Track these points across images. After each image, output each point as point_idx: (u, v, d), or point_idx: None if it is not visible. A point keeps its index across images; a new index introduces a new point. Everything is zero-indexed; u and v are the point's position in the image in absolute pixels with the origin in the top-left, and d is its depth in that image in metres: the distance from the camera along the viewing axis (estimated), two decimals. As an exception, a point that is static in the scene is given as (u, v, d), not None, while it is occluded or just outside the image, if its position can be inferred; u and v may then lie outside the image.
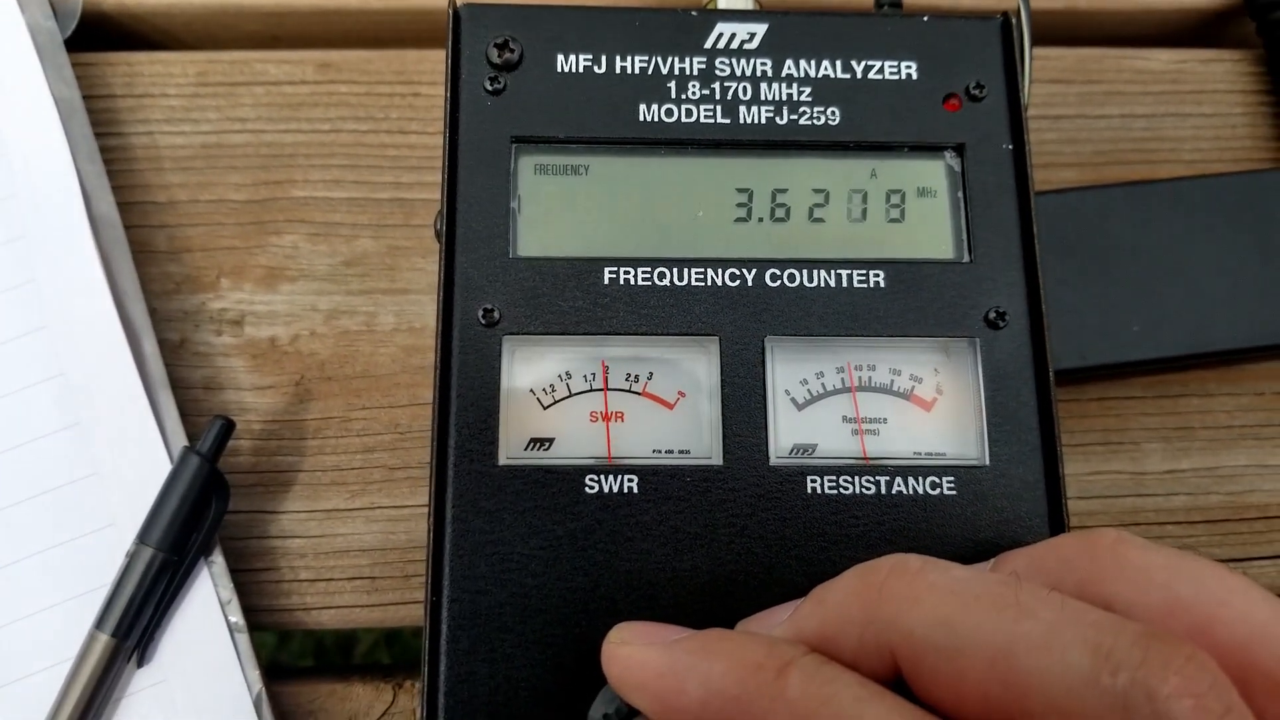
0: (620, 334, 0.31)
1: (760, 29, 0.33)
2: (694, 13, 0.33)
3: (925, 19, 0.34)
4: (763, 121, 0.32)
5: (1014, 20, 0.34)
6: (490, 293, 0.31)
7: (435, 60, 0.44)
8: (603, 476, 0.30)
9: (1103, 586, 0.23)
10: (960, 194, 0.32)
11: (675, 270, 0.31)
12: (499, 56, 0.32)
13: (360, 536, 0.39)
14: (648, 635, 0.25)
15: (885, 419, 0.31)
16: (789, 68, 0.33)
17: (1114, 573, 0.23)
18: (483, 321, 0.30)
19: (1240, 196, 0.41)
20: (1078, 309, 0.39)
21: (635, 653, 0.25)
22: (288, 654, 0.85)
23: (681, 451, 0.30)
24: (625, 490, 0.29)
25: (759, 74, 0.33)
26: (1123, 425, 0.41)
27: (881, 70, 0.33)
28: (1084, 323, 0.39)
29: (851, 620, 0.24)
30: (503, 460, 0.30)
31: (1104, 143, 0.45)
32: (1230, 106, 0.45)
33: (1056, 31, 0.48)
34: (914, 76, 0.33)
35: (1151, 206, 0.40)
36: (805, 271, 0.31)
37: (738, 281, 0.31)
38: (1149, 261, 0.40)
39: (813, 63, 0.33)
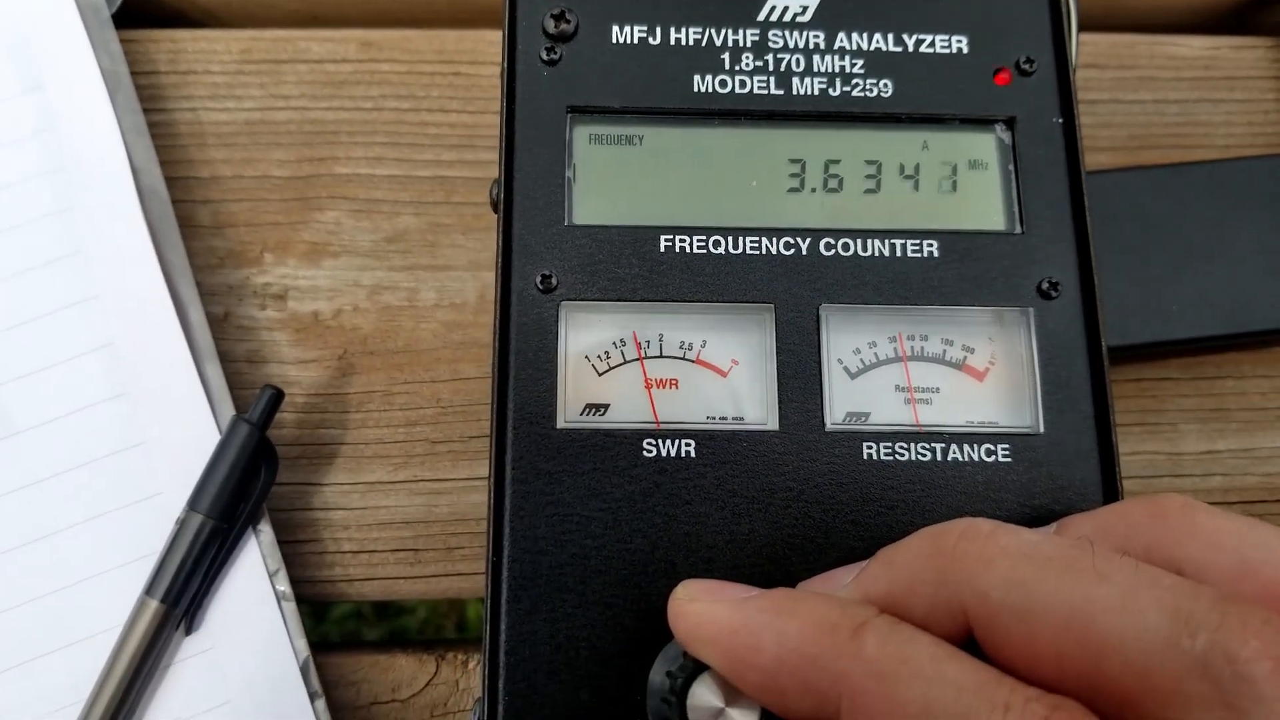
0: (675, 300, 0.31)
1: (813, 2, 0.33)
2: (747, -14, 0.34)
3: (975, -6, 0.34)
4: (815, 93, 0.33)
5: (1062, -4, 0.34)
6: (547, 259, 0.31)
7: (475, 40, 0.45)
8: (660, 440, 0.30)
9: (1173, 550, 0.23)
10: (1011, 167, 0.33)
11: (730, 239, 0.31)
12: (555, 27, 0.33)
13: (403, 509, 0.39)
14: (715, 592, 0.26)
15: (938, 388, 0.31)
16: (841, 40, 0.33)
17: (1184, 536, 0.23)
18: (540, 287, 0.31)
19: (1275, 179, 0.41)
20: (1117, 288, 0.39)
21: (706, 609, 0.25)
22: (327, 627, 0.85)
23: (735, 418, 0.31)
24: (682, 454, 0.30)
25: (812, 46, 0.33)
26: (1159, 406, 0.41)
27: (933, 43, 0.33)
28: (1124, 302, 0.39)
29: (923, 581, 0.24)
30: (561, 424, 0.30)
31: (1137, 127, 0.45)
32: (1262, 93, 0.46)
33: (1091, 17, 0.48)
34: (964, 50, 0.33)
35: (1188, 188, 0.41)
36: (859, 241, 0.31)
37: (792, 250, 0.31)
38: (1186, 242, 0.40)
39: (865, 35, 0.33)
